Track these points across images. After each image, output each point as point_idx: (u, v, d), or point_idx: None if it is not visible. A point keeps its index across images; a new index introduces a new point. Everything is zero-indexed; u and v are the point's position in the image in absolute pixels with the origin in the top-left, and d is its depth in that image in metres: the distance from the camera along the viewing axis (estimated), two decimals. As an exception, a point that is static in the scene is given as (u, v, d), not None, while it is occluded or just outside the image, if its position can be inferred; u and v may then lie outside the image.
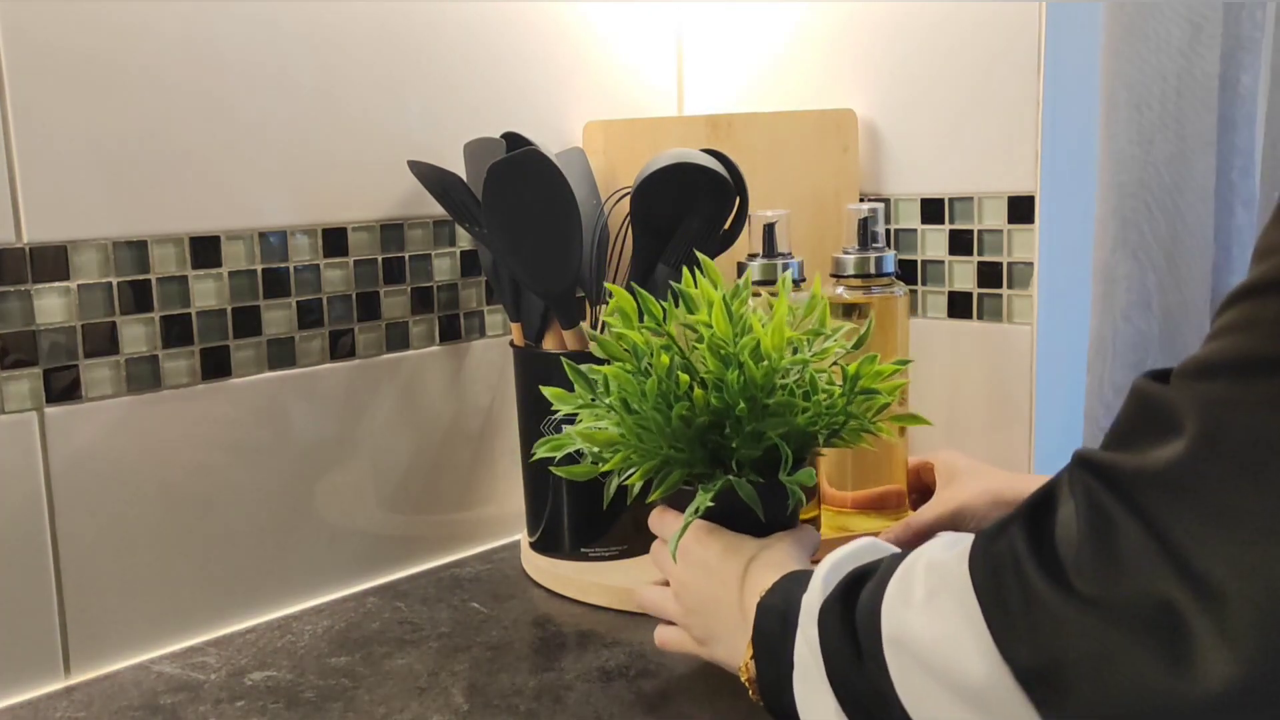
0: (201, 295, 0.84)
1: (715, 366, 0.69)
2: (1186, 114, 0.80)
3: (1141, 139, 0.81)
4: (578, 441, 0.73)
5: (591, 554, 0.94)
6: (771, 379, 0.69)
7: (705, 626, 0.71)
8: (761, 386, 0.68)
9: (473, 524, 1.03)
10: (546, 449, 0.74)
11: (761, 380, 0.68)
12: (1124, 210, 0.82)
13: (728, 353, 0.69)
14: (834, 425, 0.72)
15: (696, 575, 0.71)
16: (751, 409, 0.68)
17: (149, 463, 0.82)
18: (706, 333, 0.69)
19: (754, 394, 0.68)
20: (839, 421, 0.72)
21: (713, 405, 0.68)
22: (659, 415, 0.68)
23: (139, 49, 0.79)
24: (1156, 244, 0.82)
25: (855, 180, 1.03)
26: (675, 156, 0.90)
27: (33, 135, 0.75)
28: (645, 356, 0.71)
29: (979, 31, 0.97)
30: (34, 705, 0.75)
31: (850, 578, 0.58)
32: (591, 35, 1.10)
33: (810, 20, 1.08)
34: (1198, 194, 0.81)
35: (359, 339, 0.94)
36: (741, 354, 0.68)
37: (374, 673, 0.78)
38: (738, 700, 0.72)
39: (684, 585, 0.72)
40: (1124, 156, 0.81)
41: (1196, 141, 0.80)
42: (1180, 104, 0.79)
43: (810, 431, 0.71)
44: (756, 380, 0.68)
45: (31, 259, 0.75)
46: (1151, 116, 0.80)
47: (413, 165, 0.91)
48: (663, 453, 0.70)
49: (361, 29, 0.92)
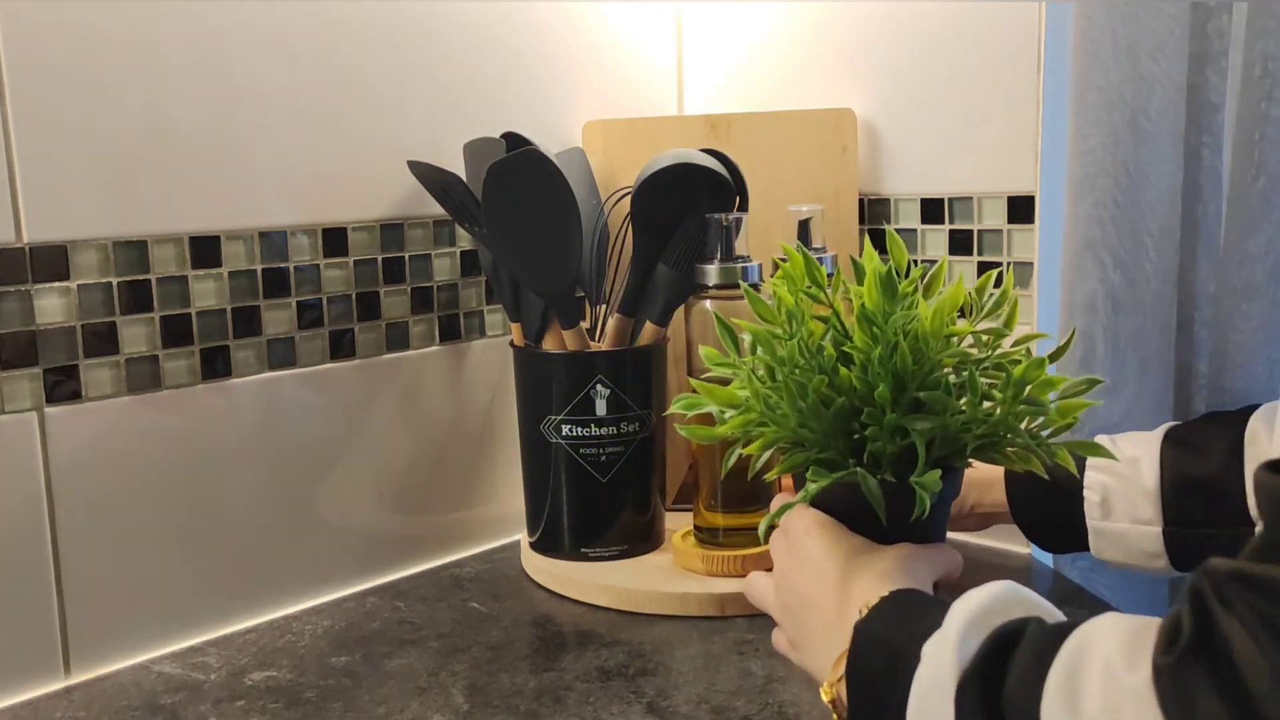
0: (201, 295, 0.84)
1: (863, 342, 0.60)
2: (1152, 116, 0.80)
3: (1108, 139, 0.81)
4: (711, 403, 0.65)
5: (591, 554, 0.94)
6: (925, 367, 0.60)
7: (798, 628, 0.64)
8: (912, 373, 0.59)
9: (473, 524, 1.03)
10: (681, 405, 0.66)
11: (913, 365, 0.59)
12: (1087, 209, 0.83)
13: (878, 327, 0.60)
14: (990, 437, 0.61)
15: (798, 569, 0.64)
16: (896, 396, 0.59)
17: (149, 463, 0.82)
18: (857, 303, 0.61)
19: (903, 379, 0.59)
20: (996, 434, 0.61)
21: (855, 387, 0.60)
22: (794, 387, 0.60)
23: (139, 49, 0.79)
24: (1119, 243, 0.82)
25: (854, 180, 1.03)
26: (675, 157, 0.90)
27: (33, 135, 0.75)
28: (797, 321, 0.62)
29: (979, 32, 0.97)
30: (34, 705, 0.75)
31: (994, 641, 0.49)
32: (591, 35, 1.10)
33: (810, 20, 1.08)
34: (1160, 194, 0.81)
35: (359, 339, 0.94)
36: (891, 331, 0.59)
37: (374, 673, 0.78)
38: (737, 699, 0.72)
39: (784, 578, 0.65)
40: (1090, 156, 0.82)
41: (1161, 143, 0.81)
42: (1146, 106, 0.80)
43: (960, 438, 0.61)
44: (907, 364, 0.59)
45: (31, 259, 0.75)
46: (1118, 117, 0.81)
47: (412, 165, 0.91)
48: (792, 428, 0.61)
49: (361, 30, 0.92)
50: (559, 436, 0.92)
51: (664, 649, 0.80)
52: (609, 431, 0.92)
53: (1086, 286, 0.84)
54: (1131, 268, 0.83)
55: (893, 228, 1.04)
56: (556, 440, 0.93)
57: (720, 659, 0.78)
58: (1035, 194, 0.95)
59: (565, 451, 0.93)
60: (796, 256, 0.64)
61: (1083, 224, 0.83)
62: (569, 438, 0.92)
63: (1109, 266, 0.83)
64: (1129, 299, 0.83)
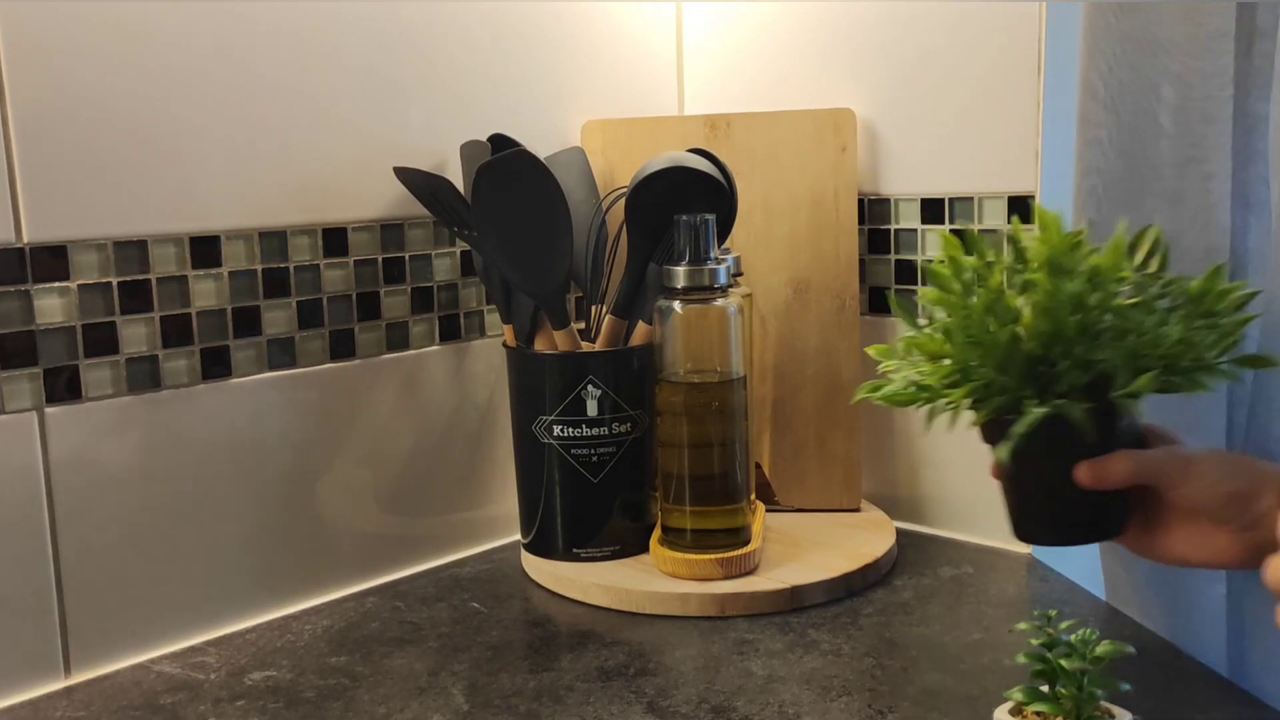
0: (201, 295, 0.84)
1: (1048, 283, 0.65)
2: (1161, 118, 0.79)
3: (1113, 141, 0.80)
4: (906, 368, 0.69)
5: (584, 554, 0.94)
6: (1107, 301, 0.65)
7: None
8: (1094, 308, 0.64)
9: (472, 524, 1.03)
10: (885, 360, 0.70)
11: (1095, 302, 0.64)
12: (1089, 212, 0.82)
13: (1064, 265, 0.65)
14: (1170, 356, 0.64)
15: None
16: (1082, 330, 0.64)
17: (149, 463, 0.82)
18: (1043, 250, 0.66)
19: (1087, 315, 0.64)
20: (1177, 351, 0.64)
21: (1040, 330, 0.64)
22: (987, 336, 0.65)
23: (139, 50, 0.79)
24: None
25: (854, 180, 1.03)
26: (669, 160, 0.90)
27: (33, 135, 0.75)
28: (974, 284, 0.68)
29: (979, 31, 0.97)
30: (34, 705, 0.75)
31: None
32: (591, 35, 1.10)
33: (810, 20, 1.08)
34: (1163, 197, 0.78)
35: (359, 339, 0.94)
36: (1078, 267, 0.65)
37: (374, 672, 0.78)
38: (737, 699, 0.72)
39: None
40: (1094, 159, 0.81)
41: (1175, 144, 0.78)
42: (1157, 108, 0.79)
43: (1143, 358, 0.64)
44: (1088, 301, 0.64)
45: (31, 259, 0.75)
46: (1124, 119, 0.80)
47: (399, 172, 0.91)
48: (988, 376, 0.65)
49: (361, 29, 0.92)
50: (551, 437, 0.93)
51: (664, 649, 0.80)
52: (600, 432, 0.92)
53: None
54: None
55: (893, 228, 1.04)
56: (548, 441, 0.93)
57: (720, 659, 0.78)
58: (1035, 194, 0.95)
59: (557, 452, 0.93)
60: (951, 239, 0.69)
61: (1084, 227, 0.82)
62: (561, 438, 0.92)
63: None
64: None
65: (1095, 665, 0.59)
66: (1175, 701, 0.71)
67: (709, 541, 0.89)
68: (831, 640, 0.80)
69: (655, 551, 0.92)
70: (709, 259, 0.88)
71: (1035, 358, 0.65)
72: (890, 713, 0.70)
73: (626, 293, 0.94)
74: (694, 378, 0.89)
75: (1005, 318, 0.65)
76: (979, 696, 0.71)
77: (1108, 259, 0.65)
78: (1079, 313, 0.64)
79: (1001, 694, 0.62)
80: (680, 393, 0.89)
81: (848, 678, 0.75)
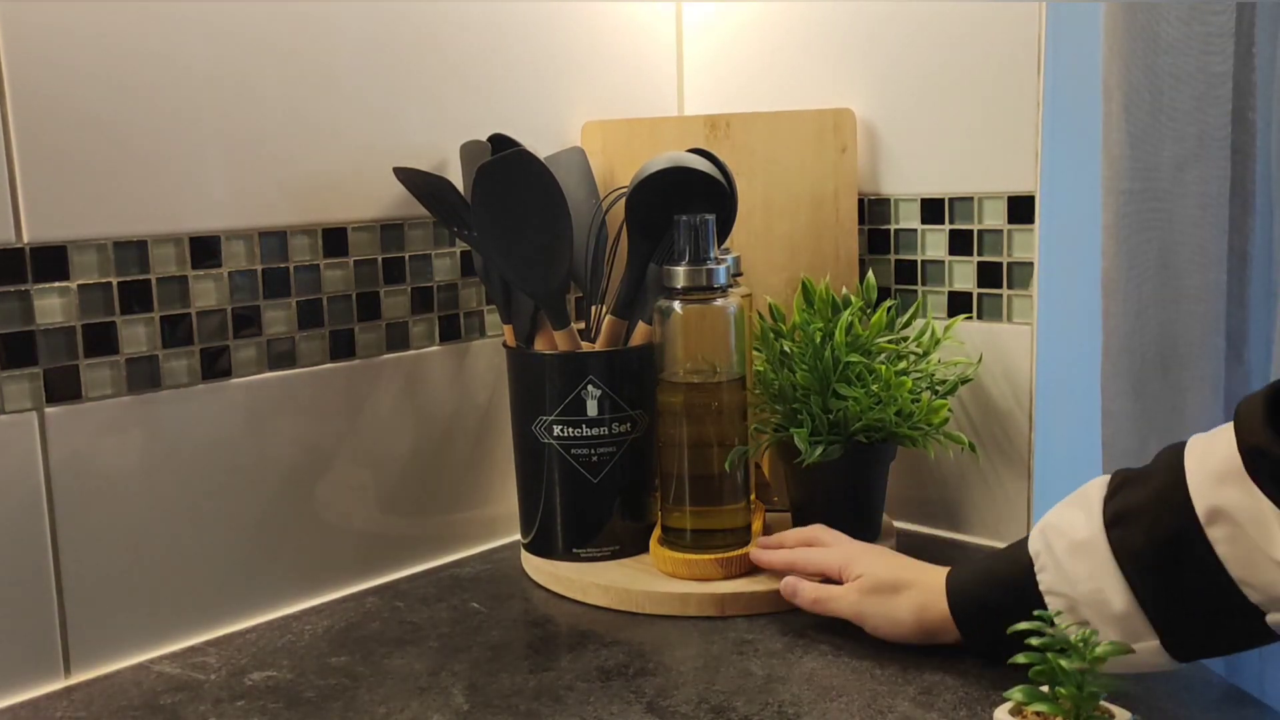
0: (201, 295, 0.84)
1: (797, 348, 0.94)
2: (1190, 119, 0.78)
3: (1141, 145, 0.80)
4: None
5: (583, 555, 0.94)
6: (840, 365, 0.91)
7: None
8: (829, 367, 0.91)
9: (472, 524, 1.03)
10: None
11: (830, 363, 0.91)
12: (1121, 218, 0.81)
13: (803, 335, 0.94)
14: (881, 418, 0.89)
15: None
16: (821, 384, 0.91)
17: (149, 463, 0.82)
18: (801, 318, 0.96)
19: (825, 371, 0.91)
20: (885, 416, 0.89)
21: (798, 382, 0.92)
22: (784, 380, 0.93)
23: (139, 49, 0.79)
24: (1152, 253, 0.80)
25: (854, 180, 1.03)
26: (669, 160, 0.90)
27: (33, 135, 0.75)
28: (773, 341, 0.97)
29: (979, 31, 0.97)
30: (34, 705, 0.75)
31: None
32: (591, 35, 1.10)
33: (810, 20, 1.08)
34: (1198, 201, 0.78)
35: (359, 339, 0.94)
36: (815, 336, 0.92)
37: (374, 672, 0.78)
38: (737, 699, 0.72)
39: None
40: (1122, 162, 0.80)
41: (1198, 147, 0.78)
42: (1185, 109, 0.78)
43: (867, 416, 0.89)
44: (828, 363, 0.91)
45: (31, 259, 0.75)
46: (1151, 122, 0.79)
47: (399, 172, 0.91)
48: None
49: (361, 29, 0.92)
50: (551, 437, 0.93)
51: (664, 649, 0.80)
52: (600, 432, 0.92)
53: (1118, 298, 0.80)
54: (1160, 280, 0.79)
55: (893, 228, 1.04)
56: (548, 441, 0.93)
57: (720, 659, 0.78)
58: (1035, 194, 0.95)
59: (557, 452, 0.93)
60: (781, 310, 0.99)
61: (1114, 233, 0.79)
62: (561, 438, 0.92)
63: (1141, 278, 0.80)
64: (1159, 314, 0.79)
65: (1095, 665, 0.59)
66: (1175, 702, 0.71)
67: (709, 541, 0.89)
68: (831, 640, 0.80)
69: (655, 551, 0.92)
70: (709, 259, 0.88)
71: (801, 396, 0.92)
72: (890, 713, 0.70)
73: (626, 293, 0.94)
74: (694, 378, 0.89)
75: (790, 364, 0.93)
76: (979, 697, 0.71)
77: (840, 335, 0.91)
78: (817, 370, 0.90)
79: (1001, 694, 0.61)
80: (680, 393, 0.89)
81: (847, 678, 0.75)
